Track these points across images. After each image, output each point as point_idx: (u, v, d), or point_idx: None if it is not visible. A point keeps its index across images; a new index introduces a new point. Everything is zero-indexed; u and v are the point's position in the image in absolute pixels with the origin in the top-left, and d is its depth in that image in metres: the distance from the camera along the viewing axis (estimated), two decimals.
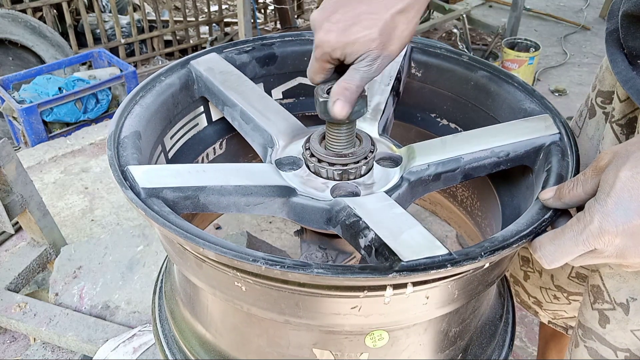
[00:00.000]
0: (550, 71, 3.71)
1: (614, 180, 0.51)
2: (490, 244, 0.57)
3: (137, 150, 0.72)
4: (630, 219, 0.50)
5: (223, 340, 0.76)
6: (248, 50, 0.95)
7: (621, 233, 0.50)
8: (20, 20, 3.15)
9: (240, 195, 0.70)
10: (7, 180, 1.36)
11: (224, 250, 0.54)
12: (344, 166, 0.75)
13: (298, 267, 0.53)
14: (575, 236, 0.53)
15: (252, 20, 3.70)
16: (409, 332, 0.67)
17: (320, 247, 0.91)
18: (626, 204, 0.50)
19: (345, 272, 0.53)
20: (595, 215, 0.51)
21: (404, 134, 1.02)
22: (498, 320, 0.84)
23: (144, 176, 0.65)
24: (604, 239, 0.51)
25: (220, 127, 0.95)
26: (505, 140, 0.76)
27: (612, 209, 0.50)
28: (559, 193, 0.59)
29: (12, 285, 1.47)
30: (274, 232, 1.67)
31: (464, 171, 0.77)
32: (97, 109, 2.86)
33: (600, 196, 0.52)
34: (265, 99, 0.88)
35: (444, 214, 1.08)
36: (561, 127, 0.76)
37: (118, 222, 1.84)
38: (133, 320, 1.28)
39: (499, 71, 0.88)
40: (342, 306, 0.60)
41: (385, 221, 0.64)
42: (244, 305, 0.64)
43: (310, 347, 0.67)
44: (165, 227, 0.57)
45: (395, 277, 0.53)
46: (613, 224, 0.50)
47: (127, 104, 0.78)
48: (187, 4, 4.20)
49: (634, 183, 0.50)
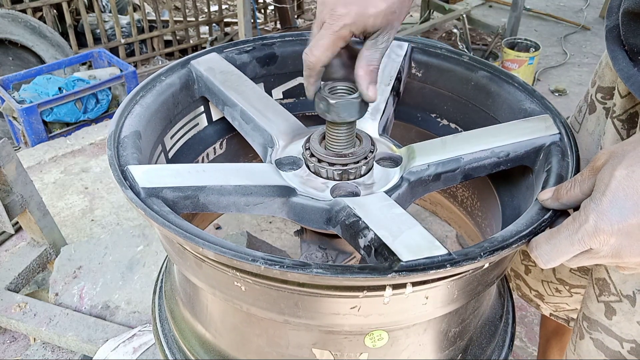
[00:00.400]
0: (550, 71, 3.71)
1: (609, 179, 0.51)
2: (490, 245, 0.57)
3: (137, 150, 0.72)
4: (625, 217, 0.50)
5: (223, 340, 0.76)
6: (249, 50, 0.95)
7: (616, 232, 0.50)
8: (20, 20, 3.15)
9: (240, 195, 0.70)
10: (7, 180, 1.36)
11: (224, 250, 0.54)
12: (344, 166, 0.75)
13: (297, 267, 0.53)
14: (570, 235, 0.53)
15: (252, 20, 3.70)
16: (408, 332, 0.67)
17: (320, 247, 0.91)
18: (621, 202, 0.50)
19: (344, 272, 0.53)
20: (590, 214, 0.51)
21: (404, 134, 1.02)
22: (498, 320, 0.84)
23: (144, 176, 0.65)
24: (599, 238, 0.51)
25: (220, 127, 0.95)
26: (505, 140, 0.76)
27: (607, 207, 0.50)
28: (556, 194, 0.59)
29: (12, 285, 1.47)
30: (274, 232, 1.67)
31: (464, 171, 0.77)
32: (97, 109, 2.86)
33: (596, 195, 0.52)
34: (266, 98, 0.88)
35: (445, 214, 1.08)
36: (561, 127, 0.76)
37: (118, 222, 1.84)
38: (133, 320, 1.28)
39: (500, 71, 0.88)
40: (341, 306, 0.60)
41: (385, 221, 0.64)
42: (244, 305, 0.64)
43: (309, 347, 0.67)
44: (165, 227, 0.57)
45: (395, 277, 0.53)
46: (608, 223, 0.50)
47: (127, 103, 0.78)
48: (187, 4, 4.19)
49: (630, 182, 0.50)
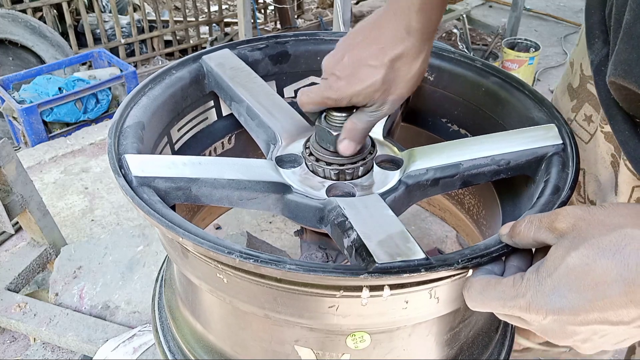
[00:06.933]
0: (550, 71, 3.64)
1: (559, 263, 0.46)
2: (471, 252, 0.56)
3: (138, 140, 0.73)
4: (562, 307, 0.46)
5: (219, 337, 0.76)
6: (261, 47, 0.96)
7: (550, 317, 0.47)
8: (20, 20, 3.13)
9: (234, 189, 0.71)
10: (7, 180, 1.35)
11: (202, 241, 0.55)
12: (341, 166, 0.75)
13: (271, 262, 0.53)
14: (503, 299, 0.50)
15: (252, 20, 3.67)
16: (392, 336, 0.67)
17: (320, 247, 0.91)
18: (564, 291, 0.46)
19: (317, 270, 0.53)
20: (529, 290, 0.48)
21: (415, 138, 1.01)
22: (493, 331, 0.82)
23: (139, 165, 0.67)
24: (530, 316, 0.48)
25: (230, 123, 0.97)
26: (506, 148, 0.74)
27: (548, 291, 0.47)
28: (512, 231, 0.55)
29: (12, 285, 1.46)
30: (274, 232, 1.67)
31: (463, 178, 0.76)
32: (97, 109, 2.84)
33: (542, 272, 0.48)
34: (273, 96, 0.89)
35: (453, 221, 1.06)
36: (566, 138, 0.74)
37: (118, 222, 1.84)
38: (133, 320, 1.28)
39: (511, 78, 0.86)
40: (319, 305, 0.60)
41: (371, 223, 0.63)
42: (227, 297, 0.65)
43: (292, 344, 0.67)
44: (149, 215, 0.58)
45: (367, 278, 0.53)
46: (544, 306, 0.47)
47: (134, 95, 0.80)
48: (187, 4, 4.16)
49: (580, 273, 0.45)
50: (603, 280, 0.44)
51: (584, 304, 0.45)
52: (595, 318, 0.46)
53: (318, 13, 4.58)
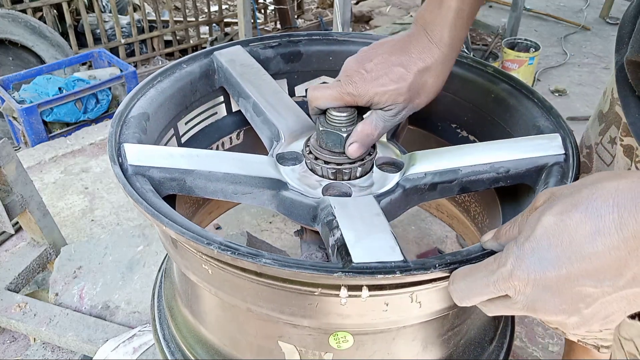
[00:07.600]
0: (550, 71, 3.56)
1: (536, 224, 0.46)
2: (451, 258, 0.55)
3: (141, 131, 0.75)
4: (544, 269, 0.45)
5: (211, 332, 0.77)
6: (274, 45, 0.97)
7: (532, 282, 0.46)
8: (20, 20, 3.14)
9: (229, 183, 0.72)
10: (7, 180, 1.36)
11: (183, 230, 0.56)
12: (338, 165, 0.75)
13: (248, 255, 0.54)
14: (487, 276, 0.49)
15: (252, 20, 3.66)
16: (375, 339, 0.66)
17: (320, 247, 0.91)
18: (543, 252, 0.45)
19: (291, 266, 0.53)
20: (510, 257, 0.47)
21: (423, 142, 1.00)
22: (487, 343, 0.80)
23: (136, 154, 0.68)
24: (514, 285, 0.47)
25: (239, 118, 0.98)
26: (506, 156, 0.73)
27: (527, 254, 0.46)
28: (496, 234, 0.54)
29: (12, 285, 1.46)
30: (274, 232, 1.67)
31: (461, 184, 0.75)
32: (97, 109, 2.84)
33: (520, 239, 0.47)
34: (280, 94, 0.89)
35: (460, 229, 1.04)
36: (569, 149, 0.72)
37: (118, 222, 1.85)
38: (133, 320, 1.29)
39: (521, 85, 0.85)
40: (299, 301, 0.60)
41: (357, 224, 0.63)
42: (212, 288, 0.65)
43: (275, 339, 0.68)
44: (138, 204, 0.60)
45: (340, 276, 0.53)
46: (525, 271, 0.45)
47: (142, 86, 0.81)
48: (187, 4, 4.16)
49: (556, 231, 0.44)
50: (579, 234, 0.43)
51: (564, 262, 0.44)
52: (576, 275, 0.44)
53: (318, 13, 4.58)
